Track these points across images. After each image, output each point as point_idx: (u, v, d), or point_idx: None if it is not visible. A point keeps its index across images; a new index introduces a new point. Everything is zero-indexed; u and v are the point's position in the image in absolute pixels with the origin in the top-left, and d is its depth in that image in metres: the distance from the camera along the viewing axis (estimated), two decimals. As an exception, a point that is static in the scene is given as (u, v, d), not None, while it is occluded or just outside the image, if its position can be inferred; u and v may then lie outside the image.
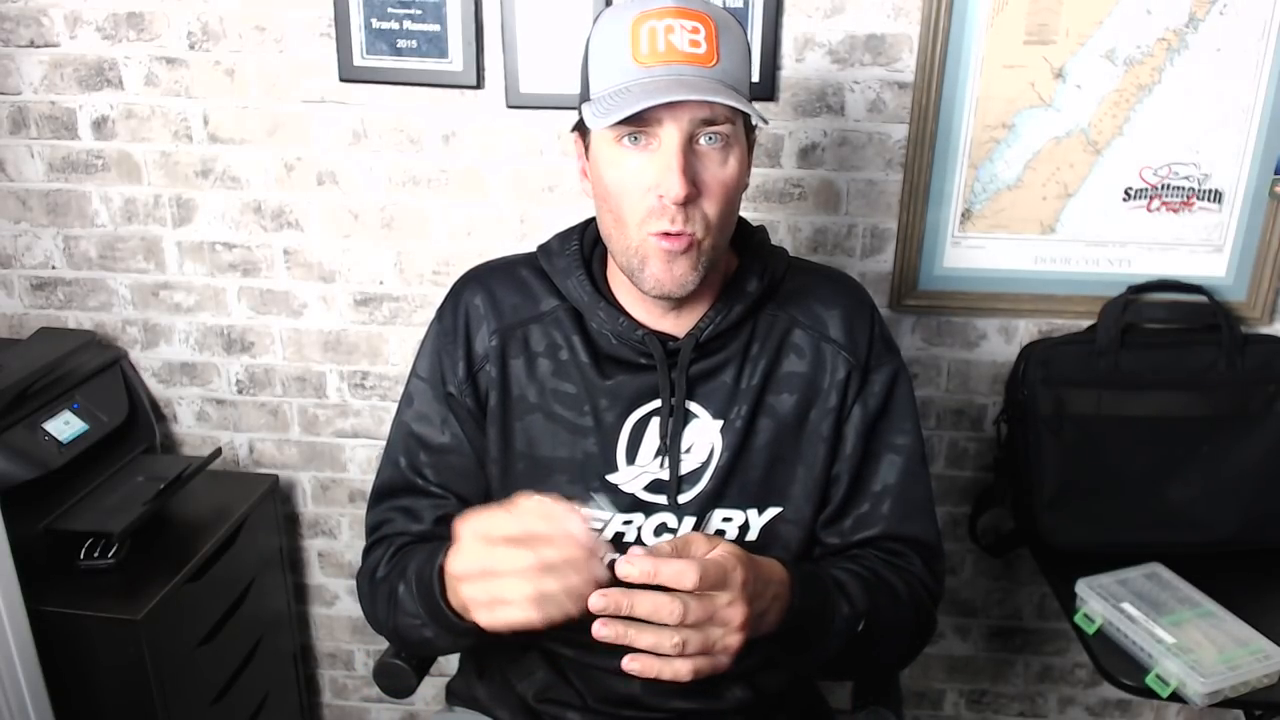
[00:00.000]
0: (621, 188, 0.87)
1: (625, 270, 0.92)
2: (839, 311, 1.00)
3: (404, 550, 0.98)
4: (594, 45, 0.89)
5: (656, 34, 0.83)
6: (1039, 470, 1.48)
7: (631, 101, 0.81)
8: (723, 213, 0.88)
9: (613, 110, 0.82)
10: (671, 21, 0.84)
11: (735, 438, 0.96)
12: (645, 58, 0.84)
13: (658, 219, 0.86)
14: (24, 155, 1.59)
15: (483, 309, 1.00)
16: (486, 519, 0.75)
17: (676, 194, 0.83)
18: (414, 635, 0.94)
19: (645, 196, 0.86)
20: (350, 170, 1.56)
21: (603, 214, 0.92)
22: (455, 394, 1.00)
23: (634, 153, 0.86)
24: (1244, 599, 1.32)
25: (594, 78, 0.88)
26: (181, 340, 1.69)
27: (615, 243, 0.91)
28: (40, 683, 1.32)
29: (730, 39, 0.86)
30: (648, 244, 0.87)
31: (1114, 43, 1.41)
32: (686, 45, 0.83)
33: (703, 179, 0.85)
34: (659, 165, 0.85)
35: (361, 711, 1.93)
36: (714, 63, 0.84)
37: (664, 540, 0.80)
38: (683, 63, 0.83)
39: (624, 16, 0.86)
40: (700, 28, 0.84)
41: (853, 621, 0.89)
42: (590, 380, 0.96)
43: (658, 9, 0.84)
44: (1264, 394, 1.47)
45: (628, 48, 0.84)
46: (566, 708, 1.04)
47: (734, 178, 0.88)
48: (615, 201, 0.88)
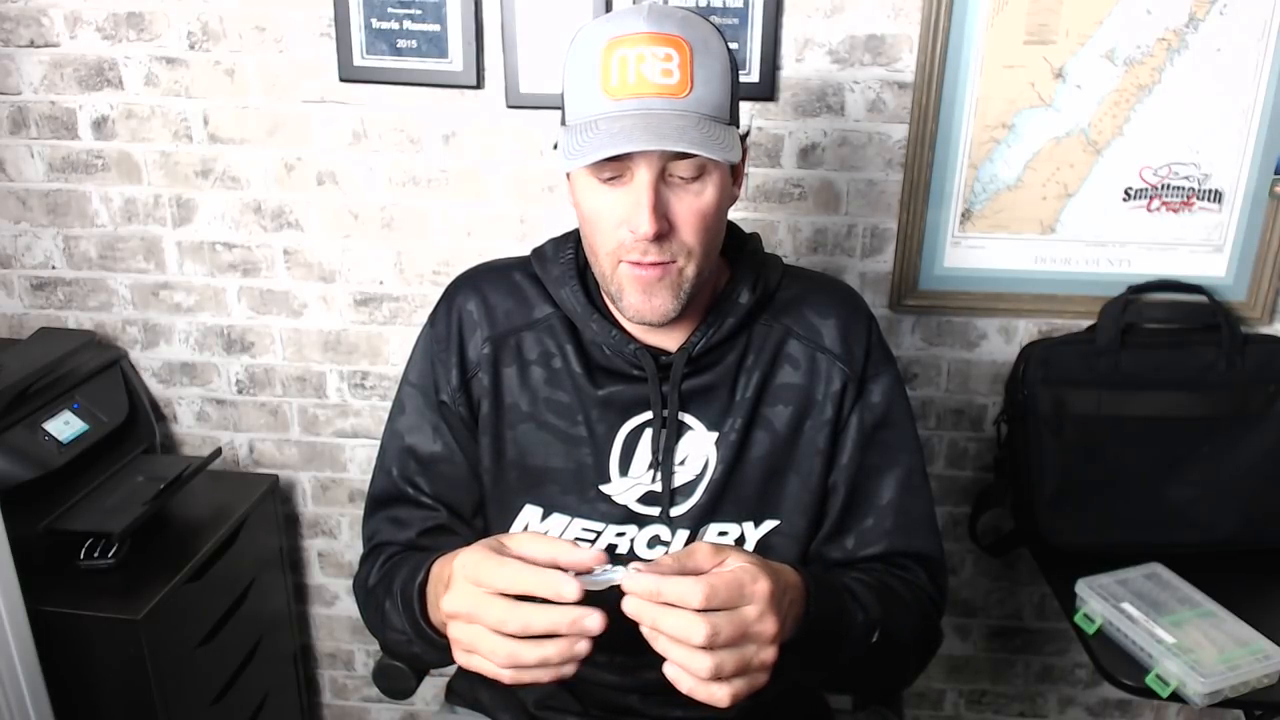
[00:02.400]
0: (596, 218, 0.86)
1: (607, 295, 0.92)
2: (834, 321, 0.99)
3: (392, 562, 0.97)
4: (569, 69, 0.87)
5: (627, 64, 0.81)
6: (1039, 470, 1.48)
7: (597, 143, 0.80)
8: (703, 240, 0.86)
9: (578, 151, 0.81)
10: (643, 49, 0.81)
11: (730, 451, 0.95)
12: (615, 89, 0.81)
13: (629, 250, 0.85)
14: (24, 155, 1.59)
15: (476, 315, 0.99)
16: (481, 562, 0.70)
17: (646, 231, 0.82)
18: (404, 650, 0.94)
19: (618, 229, 0.85)
20: (350, 170, 1.56)
21: (583, 237, 0.92)
22: (448, 402, 0.99)
23: (607, 187, 0.85)
24: (1244, 599, 1.32)
25: (569, 104, 0.87)
26: (181, 340, 1.69)
27: (595, 269, 0.91)
28: (40, 683, 1.32)
29: (707, 61, 0.83)
30: (621, 272, 0.87)
31: (1114, 43, 1.41)
32: (658, 76, 0.81)
33: (676, 211, 0.84)
34: (630, 201, 0.83)
35: (361, 711, 1.94)
36: (686, 92, 0.81)
37: (663, 554, 0.76)
38: (653, 95, 0.81)
39: (597, 41, 0.83)
40: (673, 54, 0.81)
41: (868, 629, 0.87)
42: (583, 390, 0.95)
43: (630, 34, 0.82)
44: (1264, 394, 1.47)
45: (598, 77, 0.82)
46: (565, 714, 1.04)
47: (711, 205, 0.86)
48: (590, 229, 0.88)
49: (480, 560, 0.70)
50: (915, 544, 0.99)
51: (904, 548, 0.99)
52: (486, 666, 0.70)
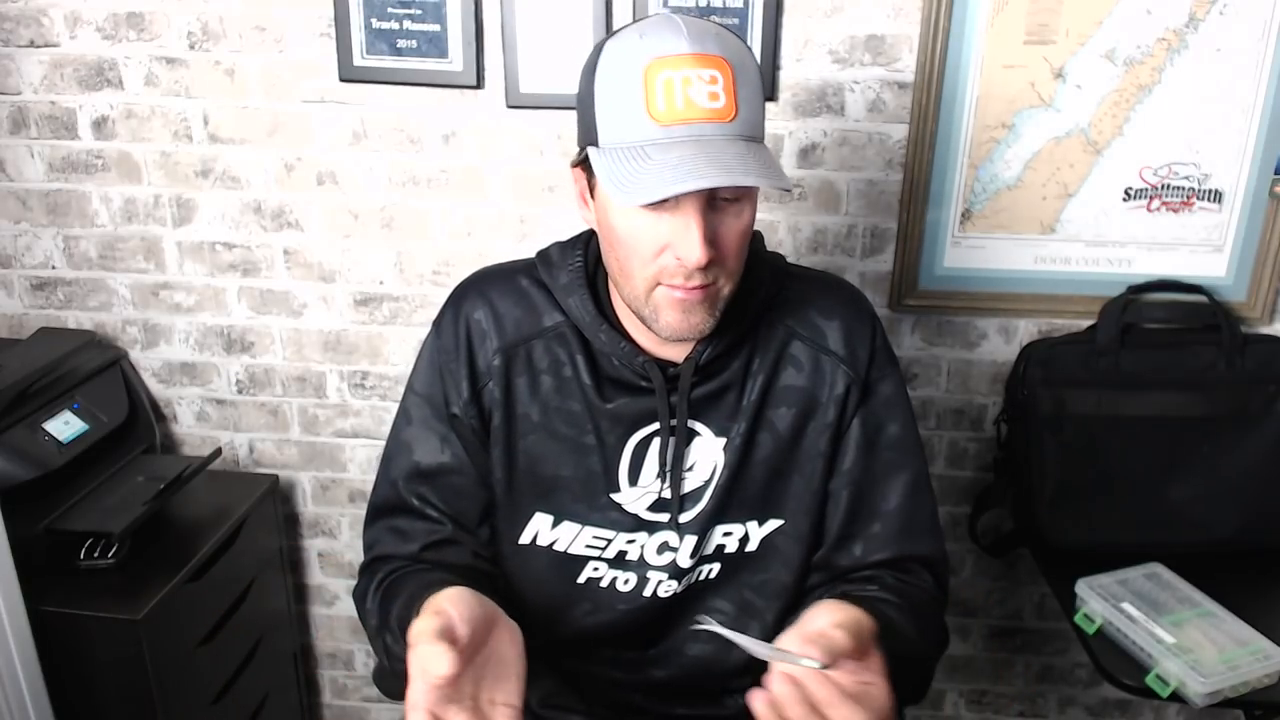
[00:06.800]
0: (634, 241, 0.82)
1: (635, 313, 0.89)
2: (838, 322, 0.98)
3: (390, 583, 0.93)
4: (602, 86, 0.82)
5: (673, 88, 0.77)
6: (1039, 470, 1.48)
7: (656, 176, 0.76)
8: (740, 259, 0.85)
9: (635, 185, 0.77)
10: (689, 72, 0.77)
11: (735, 454, 0.95)
12: (662, 114, 0.78)
13: (671, 275, 0.82)
14: (24, 155, 1.59)
15: (485, 324, 0.96)
16: (429, 658, 0.66)
17: (699, 260, 0.79)
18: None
19: (659, 255, 0.82)
20: (350, 170, 1.56)
21: (609, 255, 0.88)
22: (459, 414, 0.97)
23: (650, 212, 0.81)
24: (1244, 599, 1.32)
25: (604, 123, 0.82)
26: (181, 340, 1.69)
27: (623, 289, 0.88)
28: (40, 683, 1.32)
29: (746, 80, 0.81)
30: (658, 295, 0.84)
31: (1114, 43, 1.41)
32: (706, 100, 0.78)
33: (721, 236, 0.82)
34: (677, 228, 0.80)
35: (361, 711, 1.93)
36: (733, 116, 0.79)
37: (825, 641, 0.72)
38: (702, 121, 0.78)
39: (636, 60, 0.79)
40: (718, 77, 0.78)
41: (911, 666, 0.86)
42: (592, 401, 0.95)
43: (674, 55, 0.78)
44: (1264, 394, 1.47)
45: (641, 100, 0.78)
46: (570, 713, 1.04)
47: (749, 225, 0.84)
48: (625, 252, 0.84)
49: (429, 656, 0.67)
50: (921, 548, 0.99)
51: (911, 552, 0.98)
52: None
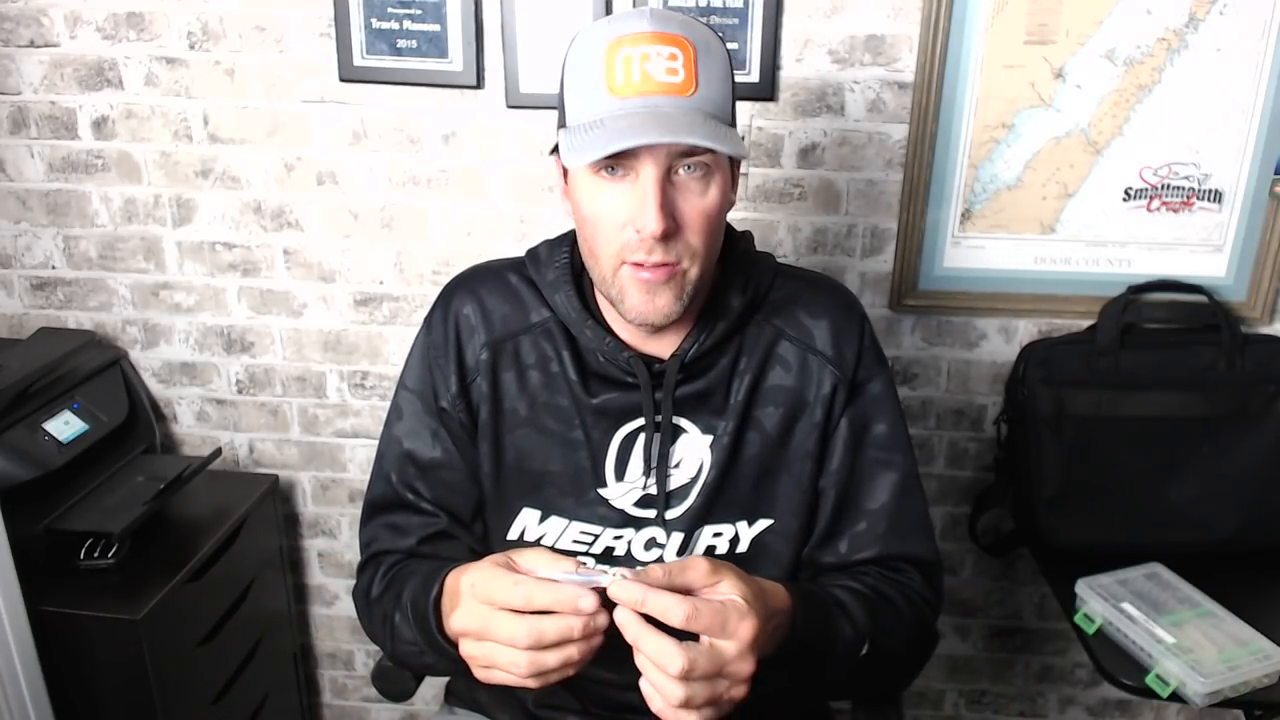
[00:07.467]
0: (597, 219, 0.84)
1: (606, 298, 0.90)
2: (826, 322, 0.98)
3: (395, 571, 0.96)
4: (569, 70, 0.85)
5: (632, 63, 0.80)
6: (1039, 470, 1.48)
7: (605, 139, 0.78)
8: (706, 240, 0.85)
9: (586, 148, 0.79)
10: (648, 49, 0.80)
11: (723, 454, 0.95)
12: (620, 88, 0.80)
13: (633, 251, 0.83)
14: (24, 155, 1.59)
15: (473, 319, 0.98)
16: (488, 579, 0.72)
17: (654, 229, 0.80)
18: (415, 661, 0.93)
19: (622, 230, 0.83)
20: (350, 170, 1.56)
21: (580, 239, 0.91)
22: (448, 408, 0.98)
23: (611, 185, 0.83)
24: (1244, 599, 1.32)
25: (570, 105, 0.85)
26: (181, 340, 1.69)
27: (593, 272, 0.90)
28: (40, 683, 1.32)
29: (710, 62, 0.82)
30: (623, 274, 0.85)
31: (1114, 43, 1.41)
32: (663, 74, 0.80)
33: (682, 210, 0.83)
34: (635, 199, 0.82)
35: (361, 711, 1.94)
36: (692, 91, 0.81)
37: (656, 564, 0.77)
38: (659, 93, 0.80)
39: (599, 41, 0.82)
40: (678, 54, 0.80)
41: (856, 645, 0.87)
42: (578, 396, 0.95)
43: (633, 34, 0.81)
44: (1264, 394, 1.47)
45: (602, 77, 0.81)
46: (565, 713, 1.04)
47: (715, 206, 0.85)
48: (590, 230, 0.86)
49: (490, 579, 0.72)
50: (909, 548, 0.99)
51: (898, 551, 0.98)
52: (509, 679, 0.72)
